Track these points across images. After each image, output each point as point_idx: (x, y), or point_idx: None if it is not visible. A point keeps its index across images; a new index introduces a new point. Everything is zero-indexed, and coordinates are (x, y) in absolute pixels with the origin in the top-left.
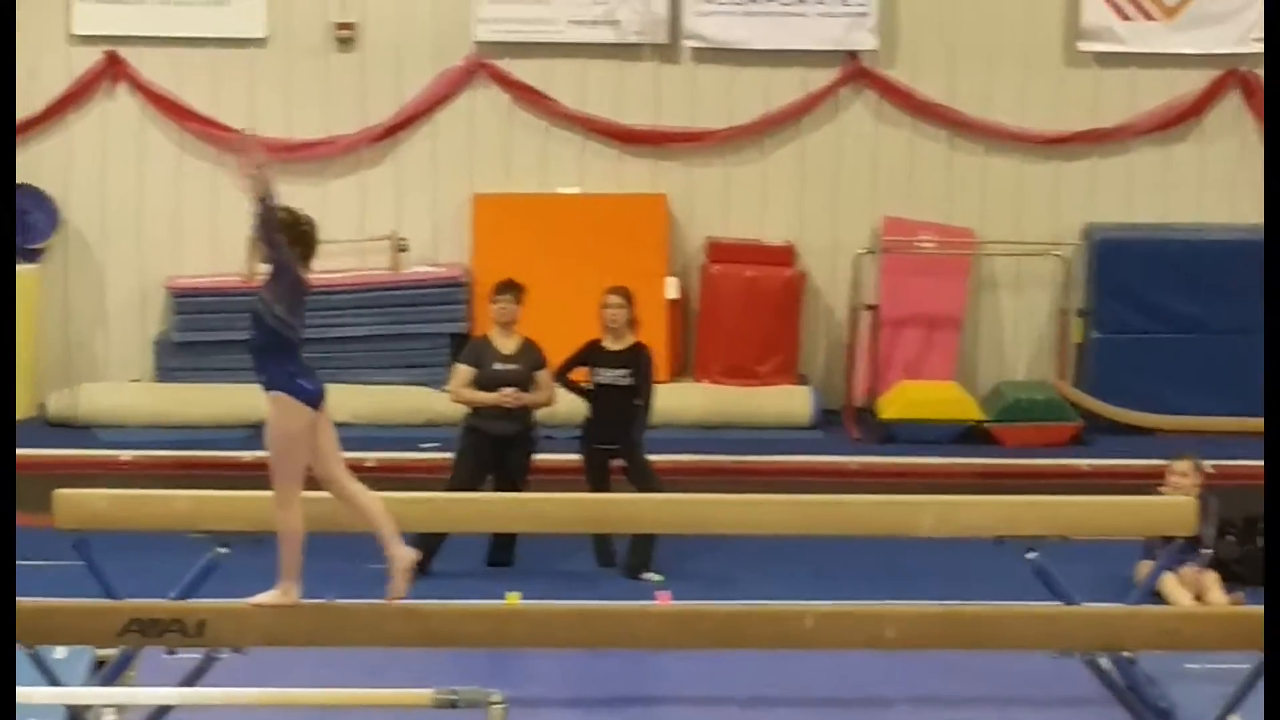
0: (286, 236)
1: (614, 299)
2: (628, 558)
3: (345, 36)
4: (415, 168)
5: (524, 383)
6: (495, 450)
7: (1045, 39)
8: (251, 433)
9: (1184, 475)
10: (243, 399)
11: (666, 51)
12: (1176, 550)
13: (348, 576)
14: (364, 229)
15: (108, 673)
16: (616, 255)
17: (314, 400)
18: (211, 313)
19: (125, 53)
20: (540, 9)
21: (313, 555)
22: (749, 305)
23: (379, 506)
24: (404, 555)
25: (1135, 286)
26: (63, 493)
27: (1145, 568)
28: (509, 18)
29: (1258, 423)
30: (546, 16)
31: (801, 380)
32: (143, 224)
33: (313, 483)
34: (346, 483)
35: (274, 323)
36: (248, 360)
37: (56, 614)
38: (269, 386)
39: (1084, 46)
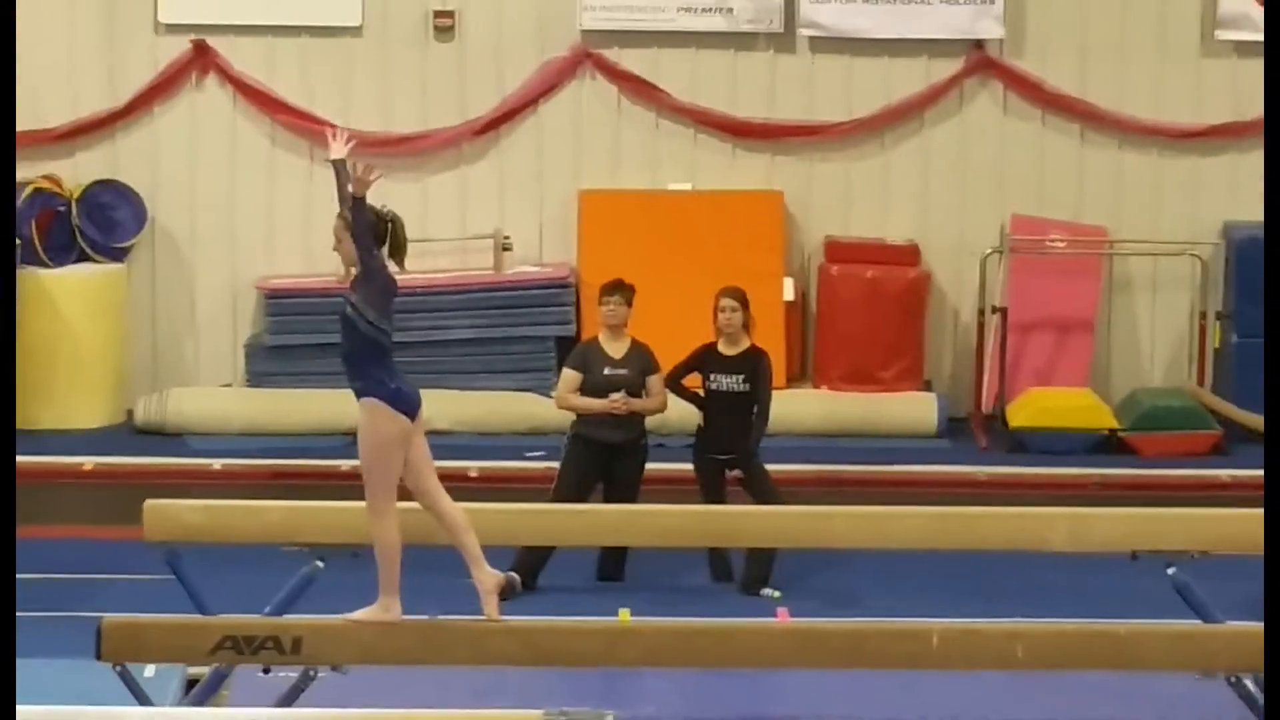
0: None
1: (729, 302)
2: (745, 573)
3: (444, 25)
4: (519, 163)
5: (634, 388)
6: (604, 459)
7: (1181, 27)
8: (348, 441)
9: None
10: (338, 405)
11: (782, 40)
12: None
13: (450, 592)
14: (466, 227)
15: (200, 692)
16: (730, 255)
17: (410, 408)
18: (305, 315)
19: (214, 42)
20: None
21: (413, 569)
22: (870, 307)
23: (467, 525)
24: (490, 578)
25: None
26: (152, 503)
27: None
28: (616, 5)
29: None
30: (656, 4)
31: (926, 386)
32: (233, 222)
33: (406, 493)
34: (438, 497)
35: (366, 329)
36: (342, 365)
37: (146, 630)
38: (362, 394)
39: (1222, 35)
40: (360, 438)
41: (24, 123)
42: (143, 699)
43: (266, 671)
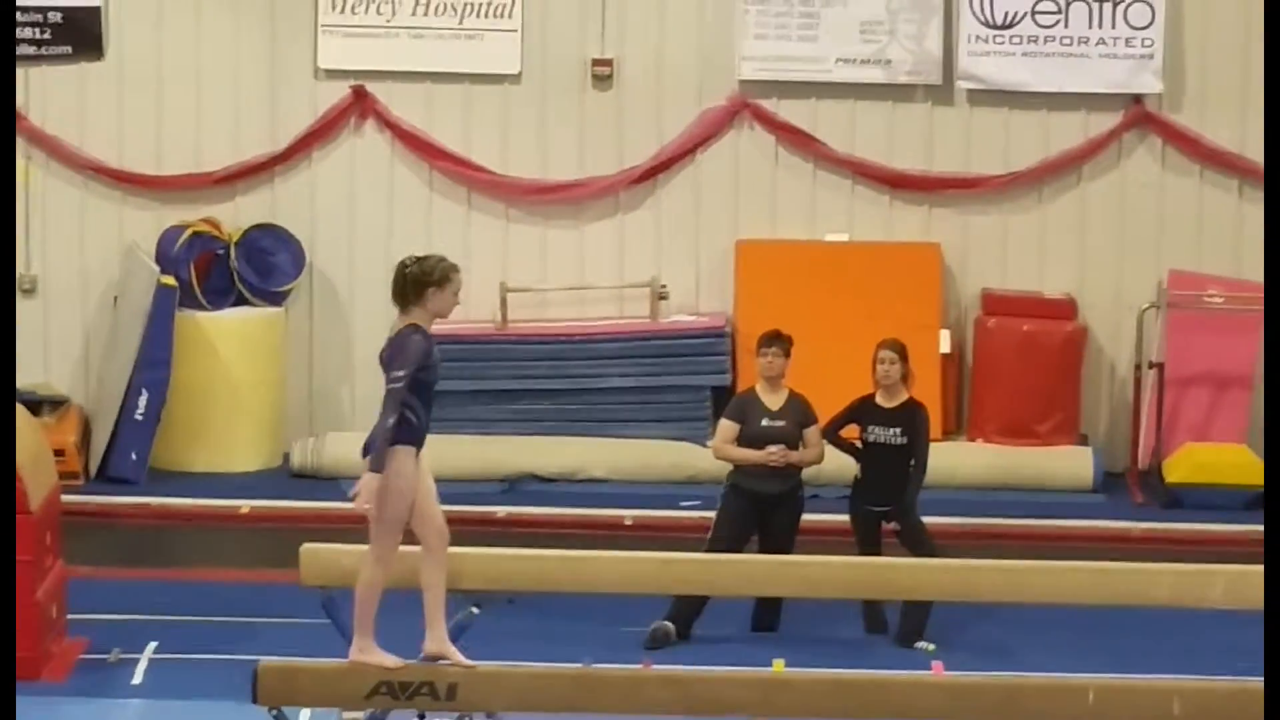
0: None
1: (887, 354)
2: (900, 625)
3: (603, 73)
4: (676, 211)
5: (791, 440)
6: (760, 510)
7: None
8: (505, 486)
9: None
10: (493, 451)
11: (940, 93)
12: None
13: (604, 639)
14: (623, 275)
15: None
16: (887, 306)
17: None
18: (460, 360)
19: (373, 88)
20: (808, 47)
21: (563, 617)
22: (1027, 360)
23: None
24: (436, 644)
25: None
26: (310, 547)
27: None
28: (775, 55)
29: None
30: (814, 55)
31: (1083, 441)
32: (390, 267)
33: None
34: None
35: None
36: (497, 411)
37: (301, 674)
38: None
39: None
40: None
41: (184, 166)
42: None
43: (421, 717)
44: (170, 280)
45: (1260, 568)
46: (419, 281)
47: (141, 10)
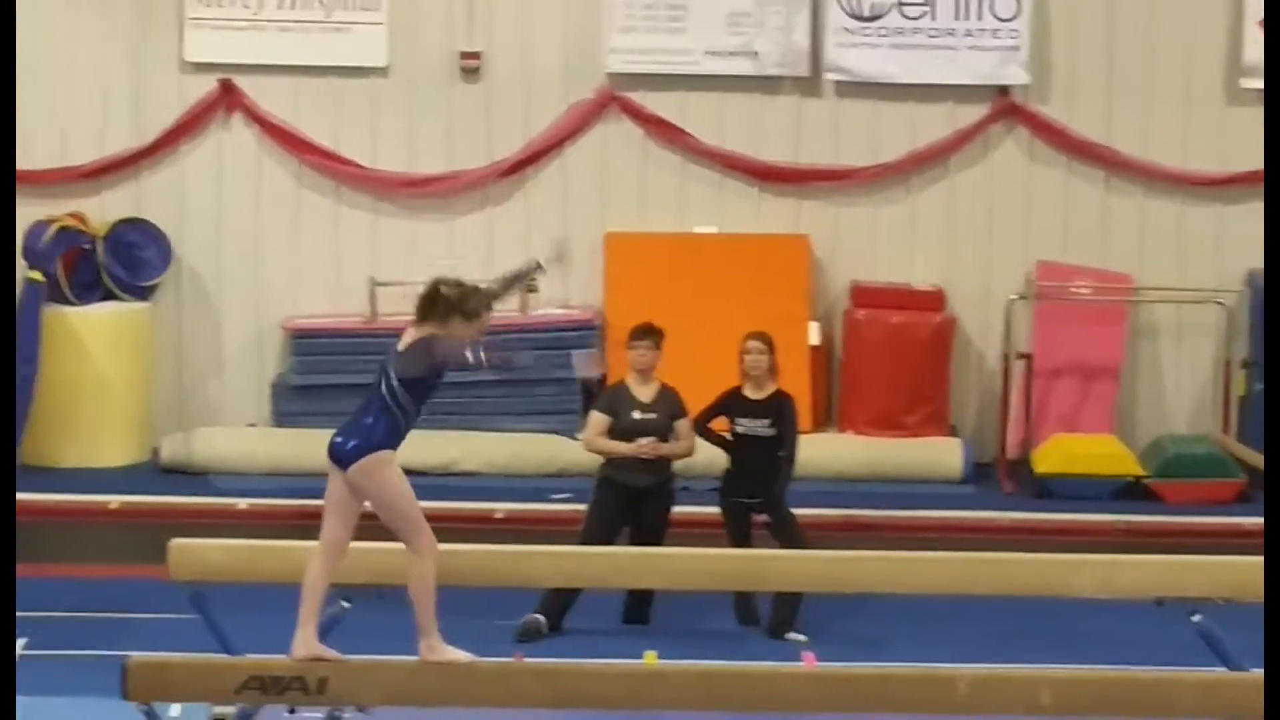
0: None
1: (755, 345)
2: (771, 617)
3: (470, 66)
4: (545, 204)
5: (662, 432)
6: (631, 502)
7: (1206, 75)
8: None
9: None
10: None
11: (808, 85)
12: None
13: (475, 632)
14: (492, 268)
15: None
16: (756, 298)
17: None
18: (331, 354)
19: (241, 81)
20: (675, 39)
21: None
22: (896, 352)
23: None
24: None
25: None
26: (178, 543)
27: None
28: (642, 48)
29: None
30: (682, 47)
31: (952, 432)
32: (259, 261)
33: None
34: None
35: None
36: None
37: (171, 670)
38: (359, 453)
39: (1247, 84)
40: (374, 497)
41: (51, 160)
42: None
43: (292, 712)
44: (37, 275)
45: (1125, 556)
46: (452, 307)
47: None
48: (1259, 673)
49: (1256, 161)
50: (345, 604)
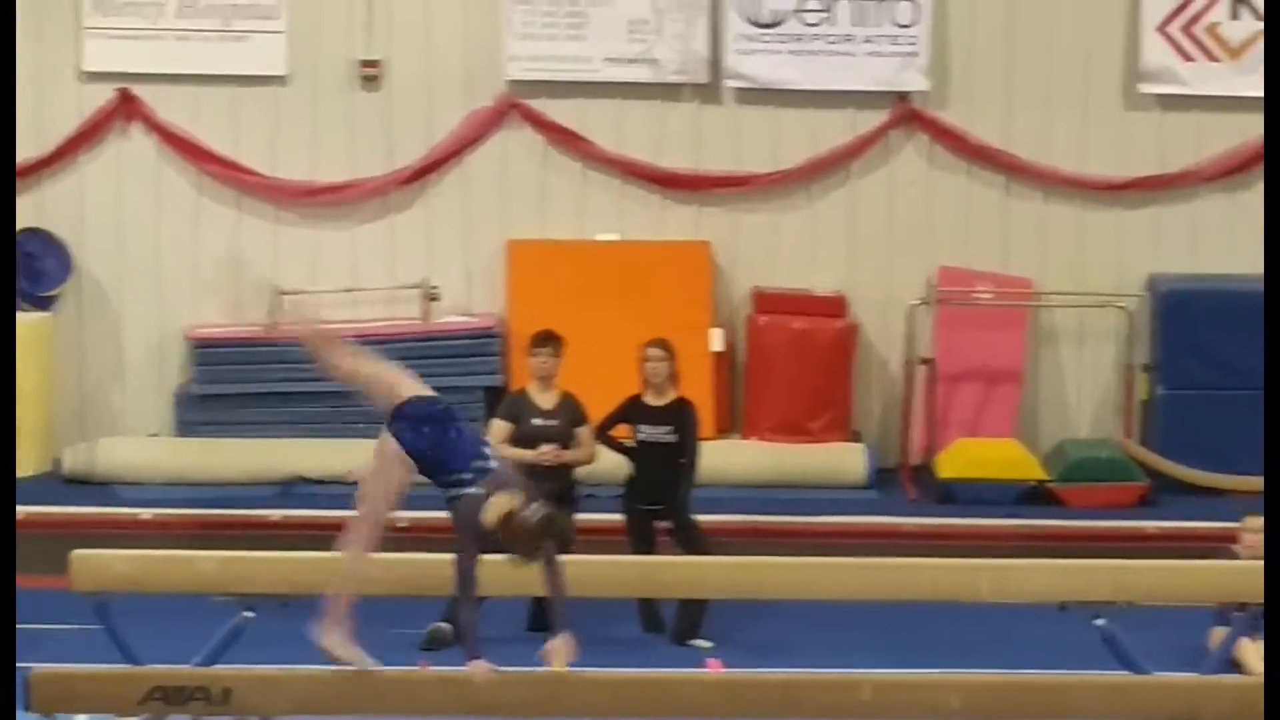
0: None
1: (655, 352)
2: (675, 623)
3: (370, 75)
4: (446, 212)
5: (564, 439)
6: None
7: (1105, 80)
8: (279, 489)
9: (1259, 534)
10: (268, 454)
11: (708, 92)
12: (1253, 616)
13: (380, 641)
14: (393, 276)
15: None
16: (658, 305)
17: None
18: (233, 364)
19: (139, 90)
20: (575, 46)
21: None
22: (798, 358)
23: None
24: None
25: (1203, 340)
26: (80, 554)
27: (1219, 635)
28: (542, 55)
29: None
30: (581, 54)
31: (855, 438)
32: (160, 271)
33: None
34: None
35: None
36: (271, 414)
37: (75, 681)
38: None
39: (1145, 89)
40: (377, 458)
41: None
42: None
43: None
44: None
45: (1028, 561)
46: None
47: None
48: (1161, 676)
49: (1155, 166)
50: (248, 614)
